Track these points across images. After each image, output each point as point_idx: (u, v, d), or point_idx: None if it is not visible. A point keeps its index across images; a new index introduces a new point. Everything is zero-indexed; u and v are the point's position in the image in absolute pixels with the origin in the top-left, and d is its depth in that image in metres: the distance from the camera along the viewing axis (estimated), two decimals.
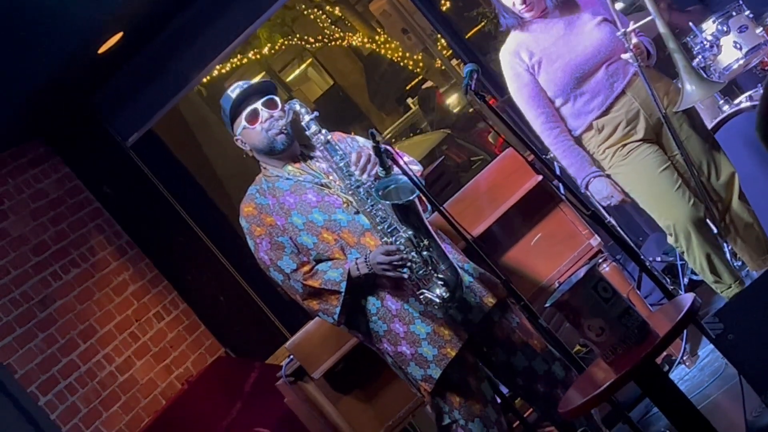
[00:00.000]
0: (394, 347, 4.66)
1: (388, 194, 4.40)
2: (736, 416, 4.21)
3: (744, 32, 6.20)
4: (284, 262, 4.65)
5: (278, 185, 4.72)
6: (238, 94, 4.72)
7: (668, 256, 6.79)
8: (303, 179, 4.72)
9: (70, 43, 6.96)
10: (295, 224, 4.64)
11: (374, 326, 4.68)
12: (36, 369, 7.26)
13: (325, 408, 5.57)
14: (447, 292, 4.45)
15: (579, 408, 3.52)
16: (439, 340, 4.59)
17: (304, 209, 4.65)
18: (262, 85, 4.84)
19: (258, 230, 4.69)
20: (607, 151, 5.25)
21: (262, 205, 4.71)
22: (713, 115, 6.29)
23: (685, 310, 3.47)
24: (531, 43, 5.21)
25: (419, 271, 4.46)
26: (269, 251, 4.67)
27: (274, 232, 4.67)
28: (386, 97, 20.54)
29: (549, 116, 5.25)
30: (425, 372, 4.63)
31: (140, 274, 8.52)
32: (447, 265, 4.47)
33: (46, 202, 8.12)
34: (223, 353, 8.60)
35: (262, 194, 4.74)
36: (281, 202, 4.67)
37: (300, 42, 18.71)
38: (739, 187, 5.27)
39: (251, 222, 4.72)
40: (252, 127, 4.73)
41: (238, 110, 4.74)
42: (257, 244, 4.70)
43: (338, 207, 4.65)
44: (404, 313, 4.62)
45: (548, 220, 5.65)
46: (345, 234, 4.62)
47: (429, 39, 19.29)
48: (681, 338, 5.55)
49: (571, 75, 5.14)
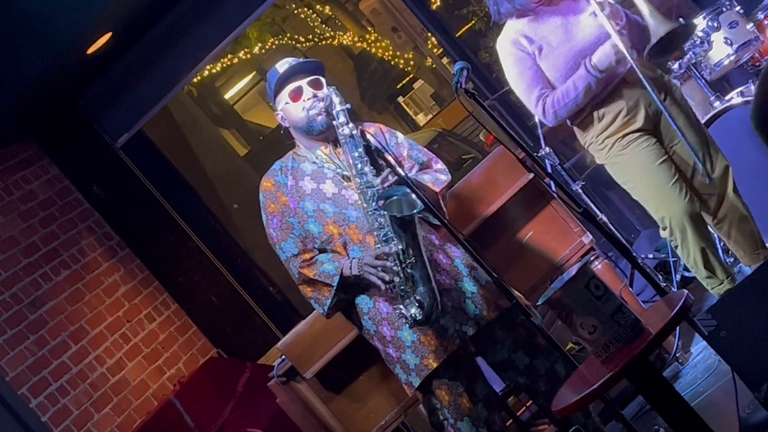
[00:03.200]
0: (384, 347, 4.70)
1: (390, 204, 4.39)
2: (729, 413, 4.20)
3: (735, 28, 6.20)
4: (288, 244, 4.70)
5: (302, 167, 4.75)
6: (287, 70, 4.76)
7: (660, 253, 6.79)
8: (327, 167, 4.73)
9: (58, 44, 6.94)
10: (305, 209, 4.68)
11: (366, 324, 4.71)
12: (27, 371, 7.25)
13: (317, 408, 5.55)
14: (421, 314, 4.46)
15: (571, 406, 3.50)
16: (422, 350, 4.59)
17: (317, 197, 4.68)
18: (311, 64, 4.85)
19: (272, 206, 4.74)
20: (607, 141, 5.23)
21: (280, 184, 4.76)
22: (704, 111, 6.27)
23: (678, 307, 3.45)
24: (529, 31, 5.17)
25: (400, 285, 4.47)
26: (278, 229, 4.72)
27: (286, 211, 4.71)
28: (377, 96, 20.56)
29: (548, 92, 5.17)
30: (407, 378, 4.66)
31: (131, 275, 8.51)
32: (427, 289, 4.47)
33: (36, 204, 8.10)
34: (215, 354, 8.59)
35: (284, 172, 4.78)
36: (299, 186, 4.71)
37: (290, 41, 18.70)
38: (733, 181, 5.27)
39: (267, 197, 4.77)
40: (294, 104, 4.74)
41: (283, 85, 4.77)
42: (269, 220, 4.76)
43: (351, 204, 4.65)
44: (393, 318, 4.61)
45: (540, 217, 5.63)
46: (351, 230, 4.64)
47: (419, 37, 19.32)
48: (674, 335, 5.54)
49: (574, 60, 5.10)
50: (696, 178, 5.25)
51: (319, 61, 4.96)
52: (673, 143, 5.25)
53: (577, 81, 5.08)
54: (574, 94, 5.09)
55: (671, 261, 6.19)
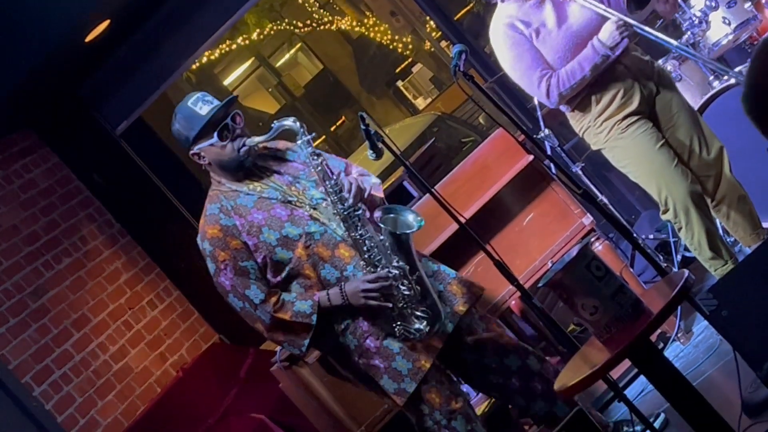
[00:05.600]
0: (367, 360, 4.59)
1: (386, 222, 4.42)
2: (731, 392, 4.21)
3: (733, 7, 6.19)
4: (252, 291, 4.50)
5: (240, 202, 4.54)
6: (209, 112, 4.51)
7: (661, 234, 6.79)
8: (267, 194, 4.56)
9: (56, 32, 6.93)
10: (268, 241, 4.49)
11: (344, 341, 4.61)
12: (30, 360, 7.25)
13: (320, 393, 5.56)
14: (427, 326, 4.47)
15: (574, 387, 3.51)
16: (412, 354, 4.56)
17: (275, 225, 4.50)
18: (230, 100, 4.62)
19: (222, 255, 4.51)
20: (605, 124, 5.23)
21: (227, 227, 4.51)
22: (703, 91, 6.27)
23: (679, 287, 3.46)
24: (523, 15, 5.17)
25: (400, 302, 4.46)
26: (233, 278, 4.50)
27: (239, 256, 4.50)
28: (376, 80, 20.54)
29: (551, 72, 5.16)
30: (399, 386, 4.58)
31: (132, 263, 8.51)
32: (431, 300, 4.49)
33: (37, 192, 8.10)
34: (218, 340, 8.60)
35: (226, 214, 4.53)
36: (249, 221, 4.50)
37: (289, 27, 18.70)
38: (728, 161, 5.28)
39: (215, 245, 4.52)
40: (224, 144, 4.53)
41: (207, 127, 4.53)
42: (219, 270, 4.52)
43: (308, 220, 4.52)
44: (376, 330, 4.57)
45: (540, 199, 5.64)
46: (319, 247, 4.51)
47: (418, 21, 19.29)
48: (675, 315, 5.55)
49: (572, 40, 5.10)
50: (693, 160, 5.26)
51: (235, 96, 4.76)
52: (668, 125, 5.26)
53: (583, 61, 5.08)
54: (581, 75, 5.10)
55: (672, 241, 6.20)
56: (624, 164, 5.34)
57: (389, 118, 19.30)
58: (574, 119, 5.36)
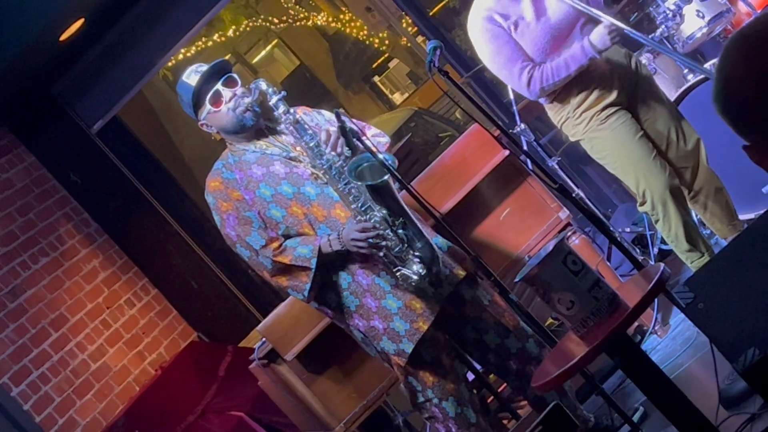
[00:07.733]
0: (367, 322, 4.65)
1: (362, 173, 4.36)
2: (708, 384, 4.22)
3: (706, 0, 6.21)
4: (252, 237, 4.58)
5: (245, 158, 4.64)
6: (198, 81, 4.64)
7: (638, 227, 6.81)
8: (270, 152, 4.65)
9: (30, 31, 6.91)
10: (263, 196, 4.58)
11: (345, 301, 4.66)
12: (8, 360, 7.23)
13: (298, 389, 5.56)
14: (423, 268, 4.45)
15: (551, 381, 3.52)
16: (410, 314, 4.58)
17: (272, 181, 4.58)
18: (217, 65, 4.72)
19: (225, 205, 4.62)
20: (584, 115, 5.23)
21: (228, 180, 4.63)
22: (678, 84, 6.29)
23: (655, 280, 3.47)
24: (502, 8, 5.15)
25: (395, 248, 4.45)
26: (237, 227, 4.60)
27: (241, 206, 4.59)
28: (352, 75, 20.51)
29: (532, 64, 5.17)
30: (398, 346, 4.62)
31: (110, 261, 8.49)
32: (423, 243, 4.47)
33: (13, 192, 8.07)
34: (196, 338, 8.59)
35: (228, 168, 4.65)
36: (248, 175, 4.60)
37: (265, 23, 18.64)
38: (705, 153, 5.30)
39: (217, 197, 4.64)
40: (217, 110, 4.64)
41: (200, 95, 4.66)
42: (224, 220, 4.63)
43: (306, 179, 4.59)
44: (376, 288, 4.60)
45: (516, 194, 5.65)
46: (314, 208, 4.57)
47: (393, 17, 19.25)
48: (652, 308, 5.57)
49: (550, 33, 5.09)
50: (671, 150, 5.28)
51: (223, 59, 4.87)
52: (647, 117, 5.27)
53: (570, 61, 5.08)
54: (565, 74, 5.10)
55: (648, 234, 6.22)
56: (602, 155, 5.34)
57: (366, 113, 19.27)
58: (552, 111, 5.36)
